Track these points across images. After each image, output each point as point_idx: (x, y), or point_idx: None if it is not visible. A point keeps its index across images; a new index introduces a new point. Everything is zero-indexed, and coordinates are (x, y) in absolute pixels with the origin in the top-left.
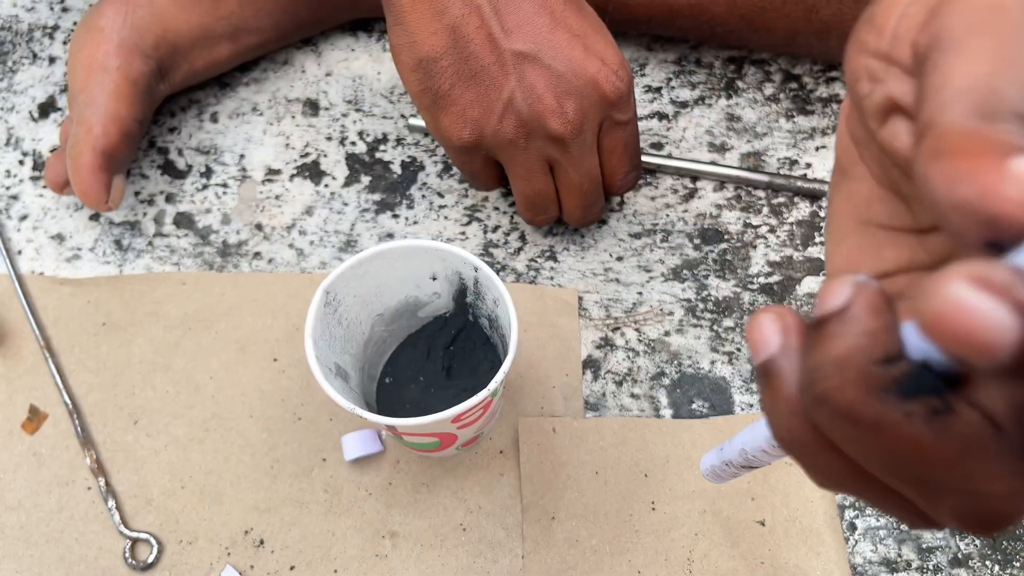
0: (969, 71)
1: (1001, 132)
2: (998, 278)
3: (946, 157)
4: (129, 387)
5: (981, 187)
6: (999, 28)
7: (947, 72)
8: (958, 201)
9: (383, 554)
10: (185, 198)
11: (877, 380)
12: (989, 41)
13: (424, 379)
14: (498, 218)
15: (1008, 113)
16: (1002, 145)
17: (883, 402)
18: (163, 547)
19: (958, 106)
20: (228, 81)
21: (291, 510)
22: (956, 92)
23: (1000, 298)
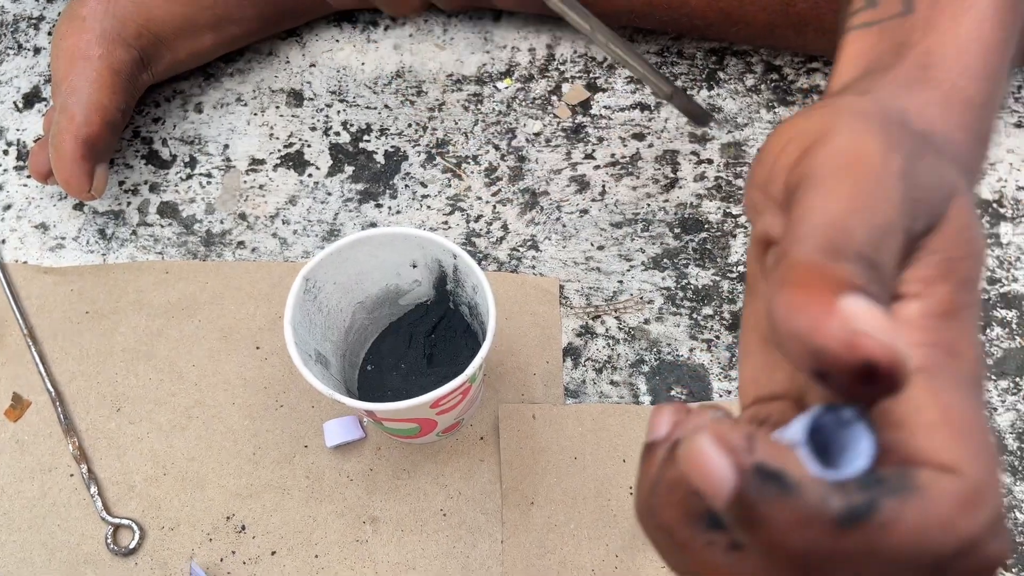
0: (825, 210)
1: (841, 270)
2: (733, 439)
3: (788, 287)
4: (112, 375)
5: (811, 320)
6: (858, 173)
7: (807, 209)
8: (792, 330)
9: (364, 539)
10: (169, 188)
11: (692, 508)
12: (848, 184)
13: (405, 366)
14: (480, 208)
15: (853, 253)
16: (839, 282)
17: (692, 528)
18: (145, 533)
19: (809, 241)
20: (212, 72)
21: (273, 496)
22: (811, 228)
23: (727, 454)
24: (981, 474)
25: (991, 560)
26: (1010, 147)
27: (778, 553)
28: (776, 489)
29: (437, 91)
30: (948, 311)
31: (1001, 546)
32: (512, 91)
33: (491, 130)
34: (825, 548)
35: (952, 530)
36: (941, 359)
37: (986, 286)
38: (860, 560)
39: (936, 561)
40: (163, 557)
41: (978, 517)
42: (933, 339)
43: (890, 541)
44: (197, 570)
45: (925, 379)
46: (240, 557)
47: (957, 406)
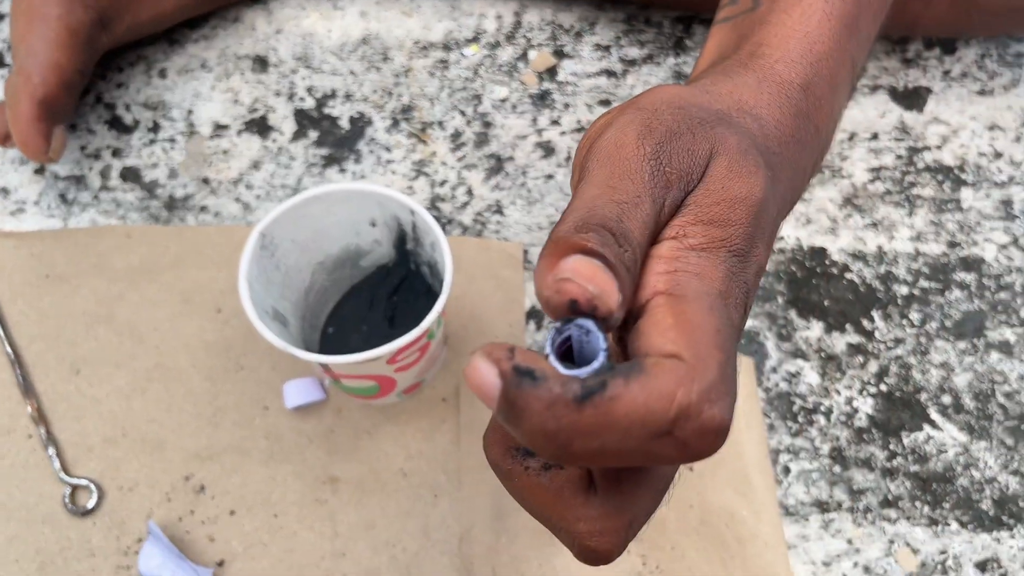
0: (585, 194)
1: (578, 239)
2: (498, 353)
3: (542, 255)
4: (71, 337)
5: (541, 277)
6: (614, 160)
7: (575, 195)
8: (537, 287)
9: (324, 499)
10: (132, 153)
11: (510, 442)
12: (603, 170)
13: (367, 328)
14: (445, 172)
15: (597, 225)
16: (573, 247)
17: (511, 458)
18: (103, 493)
19: (568, 220)
20: (177, 37)
21: (232, 457)
22: (571, 210)
23: (493, 364)
24: (699, 356)
25: (708, 422)
26: (972, 114)
27: (538, 436)
28: (529, 382)
29: (403, 57)
30: (702, 246)
31: (718, 411)
32: (479, 57)
33: (457, 96)
34: (570, 423)
35: (670, 399)
36: (688, 281)
37: (946, 249)
38: (599, 430)
39: (661, 426)
40: (121, 517)
41: (694, 388)
42: (682, 267)
43: (620, 411)
44: (155, 530)
45: (666, 298)
46: (199, 517)
47: (691, 313)
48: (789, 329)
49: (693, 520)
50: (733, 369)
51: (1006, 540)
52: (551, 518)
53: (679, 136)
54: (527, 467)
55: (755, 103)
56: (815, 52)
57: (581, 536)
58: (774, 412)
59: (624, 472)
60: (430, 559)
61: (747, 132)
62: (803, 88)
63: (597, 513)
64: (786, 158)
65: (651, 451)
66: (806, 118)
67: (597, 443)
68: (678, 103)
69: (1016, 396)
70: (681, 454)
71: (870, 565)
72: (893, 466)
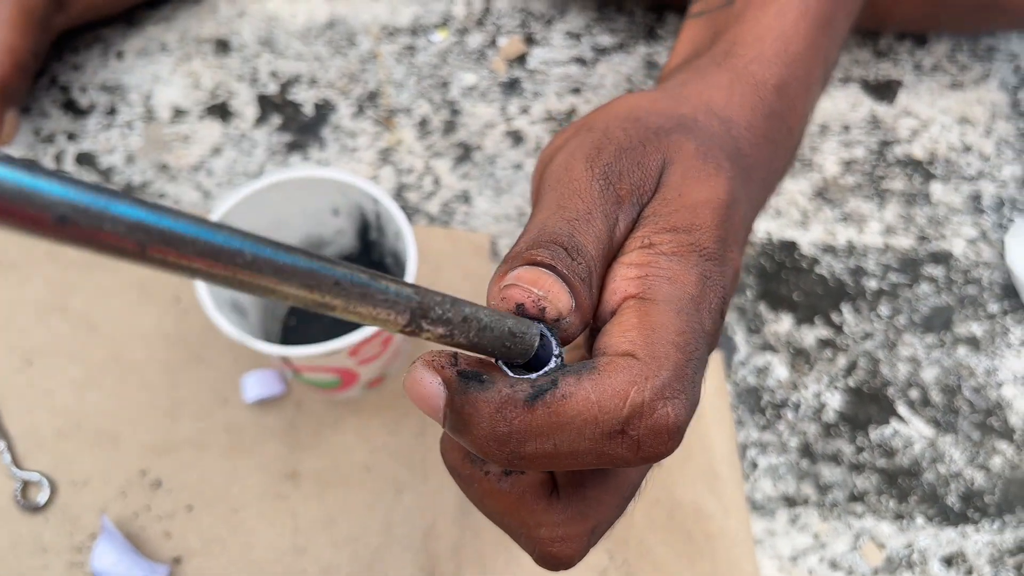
0: (537, 217)
1: (531, 254)
2: (440, 360)
3: (494, 275)
4: (23, 327)
5: (490, 289)
6: (564, 184)
7: (529, 220)
8: (487, 301)
9: (284, 494)
10: (88, 137)
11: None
12: (555, 194)
13: (328, 320)
14: (412, 161)
15: (548, 241)
16: (525, 260)
17: (470, 464)
18: (56, 488)
19: (520, 242)
20: (136, 19)
21: (190, 451)
22: (525, 233)
23: (435, 372)
24: (655, 355)
25: (662, 421)
26: (943, 108)
27: (490, 441)
28: (476, 386)
29: (370, 42)
30: (673, 251)
31: (671, 410)
32: (447, 43)
33: (425, 83)
34: (521, 425)
35: (623, 397)
36: (659, 285)
37: (915, 243)
38: (552, 431)
39: (614, 424)
40: (74, 512)
41: (647, 386)
42: (654, 272)
43: (572, 410)
44: (109, 526)
45: (636, 301)
46: (155, 512)
47: (656, 314)
48: (758, 323)
49: (661, 515)
50: (695, 372)
51: (971, 535)
52: (511, 524)
53: (629, 151)
54: (487, 472)
55: (725, 104)
56: (790, 52)
57: (542, 542)
58: (743, 406)
59: (587, 477)
60: (393, 555)
61: (710, 135)
62: (777, 88)
63: (559, 519)
64: (758, 159)
65: (605, 451)
66: (779, 118)
67: (550, 444)
68: (634, 115)
69: (983, 391)
70: (635, 454)
71: (836, 560)
72: (860, 460)
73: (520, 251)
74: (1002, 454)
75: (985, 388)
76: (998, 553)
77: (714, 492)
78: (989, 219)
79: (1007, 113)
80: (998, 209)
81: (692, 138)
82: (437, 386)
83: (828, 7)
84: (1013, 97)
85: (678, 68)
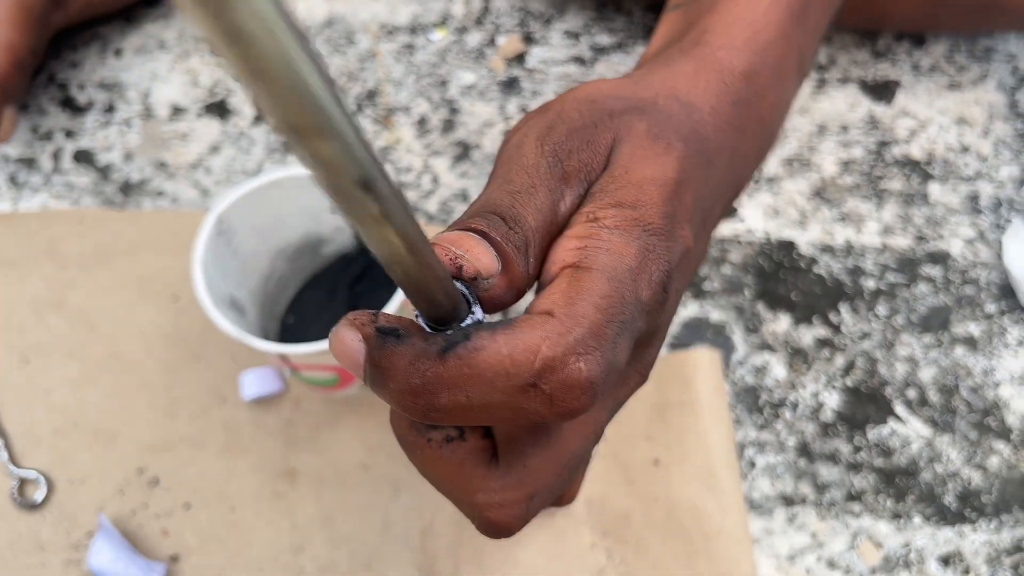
0: (486, 190)
1: (465, 222)
2: (361, 318)
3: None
4: (21, 325)
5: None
6: (513, 160)
7: (482, 192)
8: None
9: (282, 492)
10: (85, 135)
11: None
12: (504, 169)
13: (328, 318)
14: (411, 160)
15: (486, 211)
16: (461, 226)
17: (415, 432)
18: (53, 485)
19: (470, 211)
20: (134, 16)
21: (187, 449)
22: (476, 202)
23: (356, 329)
24: (571, 314)
25: (574, 375)
26: (941, 108)
27: (405, 394)
28: (393, 340)
29: (369, 41)
30: (616, 225)
31: (584, 365)
32: (446, 42)
33: (423, 81)
34: (434, 376)
35: (535, 351)
36: (596, 255)
37: (913, 243)
38: (464, 382)
39: (525, 377)
40: (71, 510)
41: (560, 342)
42: (593, 243)
43: (484, 362)
44: (106, 523)
45: (571, 269)
46: (152, 511)
47: (585, 280)
48: (756, 322)
49: (659, 514)
50: (617, 334)
51: (968, 534)
52: (452, 490)
53: (580, 131)
54: (429, 439)
55: (688, 90)
56: (760, 40)
57: (480, 507)
58: (740, 405)
59: (527, 445)
60: (390, 553)
61: (666, 117)
62: (745, 76)
63: (497, 485)
64: (722, 143)
65: (519, 405)
66: (747, 105)
67: (463, 396)
68: (592, 97)
69: (980, 390)
70: (548, 408)
71: (834, 559)
72: (858, 460)
73: (459, 219)
74: (999, 454)
75: (982, 388)
76: (995, 553)
77: (712, 491)
78: (987, 220)
79: (1005, 114)
80: (996, 210)
81: (645, 118)
82: (357, 343)
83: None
84: (1011, 98)
85: (649, 59)
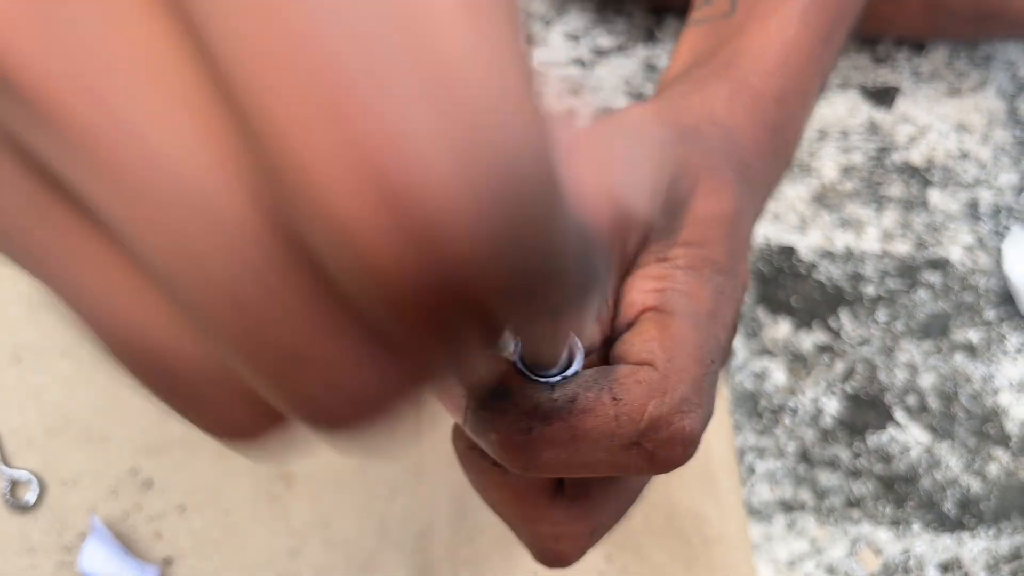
0: None
1: None
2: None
3: None
4: (12, 324)
5: None
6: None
7: None
8: None
9: (277, 495)
10: None
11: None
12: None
13: None
14: None
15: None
16: None
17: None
18: (45, 487)
19: None
20: None
21: (182, 451)
22: None
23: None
24: (674, 368)
25: (678, 434)
26: (940, 114)
27: (506, 449)
28: (496, 398)
29: None
30: (689, 265)
31: (688, 423)
32: None
33: None
34: (539, 436)
35: (642, 411)
36: (677, 299)
37: (913, 250)
38: (569, 442)
39: (631, 437)
40: (63, 512)
41: (665, 400)
42: (671, 286)
43: (590, 424)
44: (99, 525)
45: (655, 313)
46: (146, 513)
47: (675, 327)
48: (756, 327)
49: (658, 519)
50: (711, 385)
51: (967, 541)
52: (513, 517)
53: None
54: (496, 463)
55: (727, 115)
56: (790, 65)
57: (543, 538)
58: (740, 411)
59: (594, 479)
60: (387, 557)
61: (716, 147)
62: (777, 101)
63: (562, 517)
64: (761, 171)
65: (619, 461)
66: (779, 130)
67: (566, 455)
68: (636, 126)
69: (979, 397)
70: (648, 464)
71: (833, 565)
72: (857, 466)
73: None
74: (998, 461)
75: (982, 395)
76: (994, 560)
77: (712, 497)
78: (986, 226)
79: (1004, 121)
80: (995, 216)
81: (698, 150)
82: (458, 391)
83: (828, 21)
84: (1010, 105)
85: (678, 77)
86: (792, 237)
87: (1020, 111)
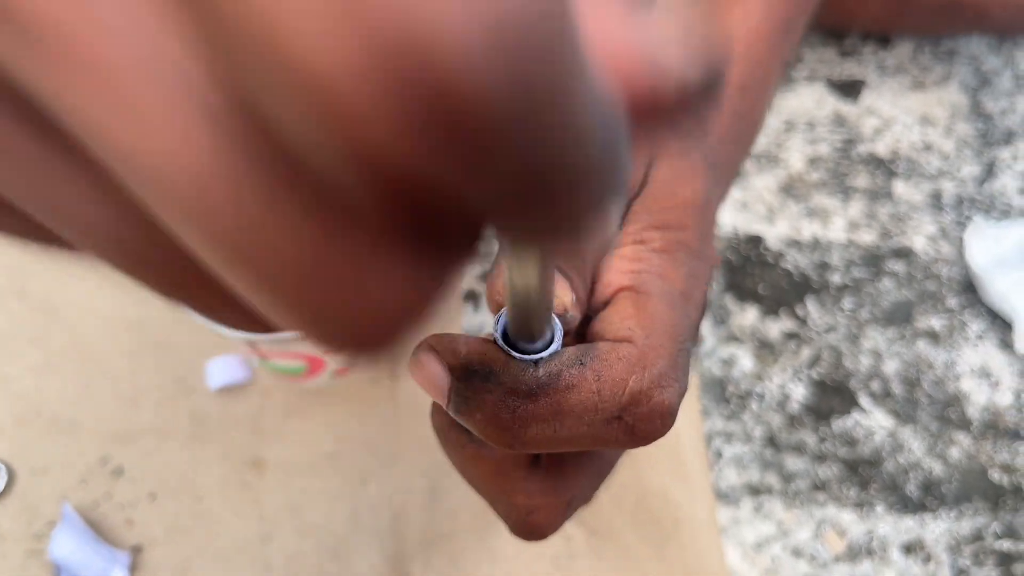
0: None
1: None
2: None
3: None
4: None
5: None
6: None
7: None
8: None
9: (249, 482)
10: None
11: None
12: None
13: None
14: None
15: None
16: None
17: (457, 428)
18: (14, 475)
19: None
20: None
21: (153, 439)
22: None
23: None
24: (652, 344)
25: (657, 407)
26: (905, 107)
27: (491, 427)
28: (480, 378)
29: None
30: (663, 248)
31: (666, 397)
32: None
33: None
34: (524, 413)
35: (623, 386)
36: (651, 280)
37: (877, 240)
38: (553, 418)
39: (613, 411)
40: (33, 500)
41: (645, 375)
42: (646, 268)
43: (574, 399)
44: (69, 513)
45: (631, 292)
46: (117, 501)
47: (652, 306)
48: (724, 314)
49: (629, 503)
50: (685, 361)
51: (930, 523)
52: (491, 490)
53: None
54: (471, 438)
55: None
56: (753, 54)
57: (519, 510)
58: (708, 396)
59: (570, 452)
60: (359, 541)
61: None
62: (740, 89)
63: (538, 488)
64: (726, 157)
65: (601, 435)
66: (742, 118)
67: (551, 430)
68: None
69: (942, 383)
70: (629, 437)
71: (799, 547)
72: (823, 451)
73: None
74: (959, 445)
75: (944, 381)
76: (955, 541)
77: (681, 480)
78: (949, 216)
79: (966, 114)
80: (957, 207)
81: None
82: (442, 374)
83: (788, 11)
84: (973, 99)
85: None
86: (760, 227)
87: (983, 105)
